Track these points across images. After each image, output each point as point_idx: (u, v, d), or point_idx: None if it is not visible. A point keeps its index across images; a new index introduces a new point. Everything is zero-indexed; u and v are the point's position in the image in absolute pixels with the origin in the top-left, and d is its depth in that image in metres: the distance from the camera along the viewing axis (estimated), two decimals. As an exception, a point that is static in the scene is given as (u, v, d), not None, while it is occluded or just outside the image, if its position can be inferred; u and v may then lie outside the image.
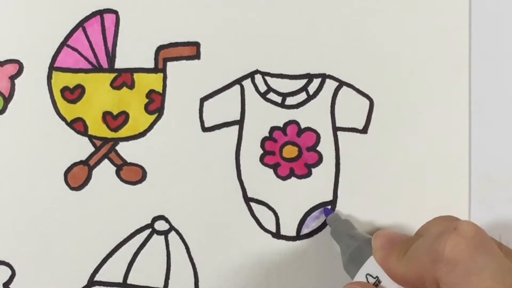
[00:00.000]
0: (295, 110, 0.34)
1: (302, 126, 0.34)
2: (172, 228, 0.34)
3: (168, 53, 0.34)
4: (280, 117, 0.34)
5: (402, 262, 0.26)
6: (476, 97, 0.34)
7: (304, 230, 0.34)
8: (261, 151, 0.34)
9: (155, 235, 0.34)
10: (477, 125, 0.34)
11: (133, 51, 0.34)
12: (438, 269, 0.23)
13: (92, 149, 0.34)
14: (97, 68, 0.34)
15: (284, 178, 0.34)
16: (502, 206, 0.34)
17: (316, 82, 0.34)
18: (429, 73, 0.34)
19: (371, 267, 0.28)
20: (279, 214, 0.34)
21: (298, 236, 0.34)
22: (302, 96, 0.34)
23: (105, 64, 0.34)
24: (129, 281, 0.34)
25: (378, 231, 0.28)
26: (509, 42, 0.34)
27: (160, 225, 0.34)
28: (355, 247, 0.30)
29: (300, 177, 0.34)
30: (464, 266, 0.23)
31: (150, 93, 0.34)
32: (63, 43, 0.34)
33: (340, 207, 0.34)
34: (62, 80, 0.34)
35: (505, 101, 0.34)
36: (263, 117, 0.34)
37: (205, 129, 0.34)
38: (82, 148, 0.34)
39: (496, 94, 0.34)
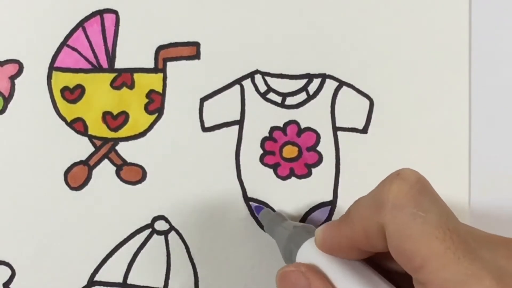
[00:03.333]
0: (295, 110, 0.34)
1: (302, 126, 0.34)
2: (172, 228, 0.34)
3: (168, 53, 0.34)
4: (280, 117, 0.34)
5: (346, 224, 0.25)
6: (476, 97, 0.34)
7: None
8: (261, 151, 0.34)
9: (155, 235, 0.34)
10: (477, 125, 0.34)
11: (133, 51, 0.34)
12: (383, 215, 0.23)
13: (92, 149, 0.34)
14: (97, 68, 0.34)
15: (284, 178, 0.34)
16: (503, 205, 0.34)
17: (316, 82, 0.34)
18: (429, 73, 0.34)
19: (305, 253, 0.27)
20: (279, 214, 0.34)
21: (298, 236, 0.34)
22: (302, 96, 0.34)
23: (105, 64, 0.34)
24: (129, 281, 0.34)
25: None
26: (509, 42, 0.34)
27: (160, 225, 0.34)
28: (288, 235, 0.29)
29: (300, 177, 0.34)
30: (409, 210, 0.22)
31: (150, 93, 0.34)
32: (63, 43, 0.34)
33: (340, 207, 0.34)
34: (62, 80, 0.34)
35: (505, 101, 0.34)
36: (263, 117, 0.34)
37: (205, 129, 0.34)
38: (82, 148, 0.34)
39: (496, 94, 0.34)
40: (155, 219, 0.34)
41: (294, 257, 0.28)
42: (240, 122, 0.34)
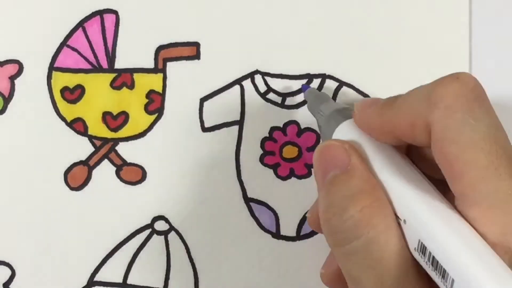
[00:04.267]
0: (295, 110, 0.34)
1: (302, 126, 0.34)
2: (172, 228, 0.34)
3: (168, 53, 0.34)
4: (280, 117, 0.34)
5: (389, 111, 0.24)
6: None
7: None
8: (261, 151, 0.34)
9: (155, 235, 0.34)
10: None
11: (133, 51, 0.34)
12: (433, 113, 0.22)
13: (92, 149, 0.34)
14: (97, 68, 0.34)
15: (284, 178, 0.34)
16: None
17: (316, 82, 0.34)
18: (429, 73, 0.33)
19: (344, 131, 0.27)
20: (279, 214, 0.34)
21: (298, 236, 0.34)
22: (302, 96, 0.34)
23: (105, 64, 0.34)
24: (129, 281, 0.34)
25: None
26: (510, 42, 0.34)
27: (160, 225, 0.34)
28: (330, 113, 0.29)
29: (300, 177, 0.34)
30: (461, 114, 0.21)
31: (150, 93, 0.34)
32: (63, 43, 0.34)
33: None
34: (62, 80, 0.34)
35: (505, 101, 0.34)
36: (263, 117, 0.34)
37: (205, 129, 0.34)
38: (82, 148, 0.34)
39: (496, 94, 0.34)
40: (155, 219, 0.34)
41: (331, 136, 0.27)
42: (240, 122, 0.34)
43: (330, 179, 0.25)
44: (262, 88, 0.34)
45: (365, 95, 0.33)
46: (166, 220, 0.34)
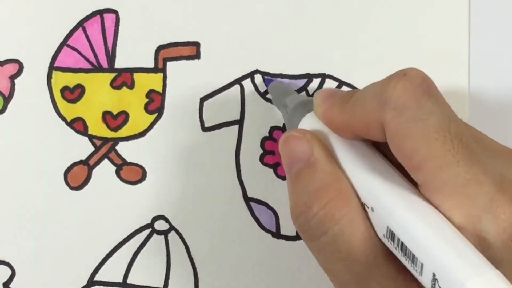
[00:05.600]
0: (295, 110, 0.34)
1: (302, 126, 0.34)
2: (172, 228, 0.34)
3: (168, 53, 0.34)
4: (280, 117, 0.34)
5: (346, 109, 0.25)
6: (475, 97, 0.34)
7: None
8: (261, 151, 0.34)
9: (155, 235, 0.34)
10: (476, 125, 0.34)
11: (133, 51, 0.34)
12: (384, 113, 0.23)
13: (92, 149, 0.34)
14: (97, 68, 0.34)
15: (284, 178, 0.34)
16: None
17: (316, 82, 0.34)
18: (429, 73, 0.33)
19: (308, 123, 0.27)
20: (279, 214, 0.34)
21: (298, 236, 0.34)
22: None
23: (105, 64, 0.34)
24: (129, 281, 0.34)
25: (318, 90, 0.28)
26: (509, 42, 0.34)
27: (160, 225, 0.34)
28: (294, 106, 0.29)
29: (300, 177, 0.34)
30: (411, 111, 0.22)
31: (150, 93, 0.34)
32: (63, 43, 0.34)
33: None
34: (62, 80, 0.34)
35: (504, 102, 0.34)
36: (263, 117, 0.34)
37: (205, 129, 0.34)
38: (82, 148, 0.34)
39: (495, 94, 0.34)
40: (155, 219, 0.34)
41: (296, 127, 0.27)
42: (240, 122, 0.34)
43: (295, 173, 0.25)
44: (262, 88, 0.34)
45: (365, 95, 0.33)
46: (166, 220, 0.34)
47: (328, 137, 0.26)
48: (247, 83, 0.34)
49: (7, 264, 0.34)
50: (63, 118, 0.34)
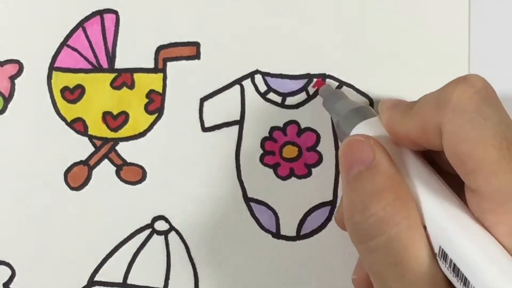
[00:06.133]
0: (295, 110, 0.34)
1: (302, 126, 0.34)
2: (172, 228, 0.34)
3: (168, 53, 0.34)
4: (280, 117, 0.34)
5: (407, 116, 0.25)
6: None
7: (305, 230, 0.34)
8: (261, 151, 0.34)
9: (155, 235, 0.34)
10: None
11: (133, 51, 0.34)
12: (443, 115, 0.23)
13: (92, 149, 0.34)
14: (97, 68, 0.34)
15: (284, 178, 0.34)
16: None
17: (316, 82, 0.34)
18: (429, 73, 0.34)
19: (362, 132, 0.27)
20: (279, 214, 0.34)
21: (298, 236, 0.34)
22: (302, 96, 0.34)
23: (105, 64, 0.34)
24: (129, 281, 0.34)
25: (384, 99, 0.28)
26: (509, 42, 0.34)
27: (160, 225, 0.34)
28: (347, 112, 0.29)
29: (300, 177, 0.34)
30: (469, 115, 0.22)
31: (150, 93, 0.34)
32: (63, 43, 0.34)
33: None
34: (62, 80, 0.34)
35: (504, 102, 0.34)
36: (263, 117, 0.34)
37: (205, 129, 0.34)
38: (82, 148, 0.34)
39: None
40: (155, 219, 0.34)
41: (349, 135, 0.27)
42: (240, 122, 0.34)
43: (354, 175, 0.25)
44: (262, 88, 0.34)
45: (365, 95, 0.33)
46: (166, 220, 0.34)
47: (386, 145, 0.26)
48: (247, 83, 0.34)
49: (7, 264, 0.34)
50: (63, 118, 0.34)
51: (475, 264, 0.21)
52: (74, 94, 0.34)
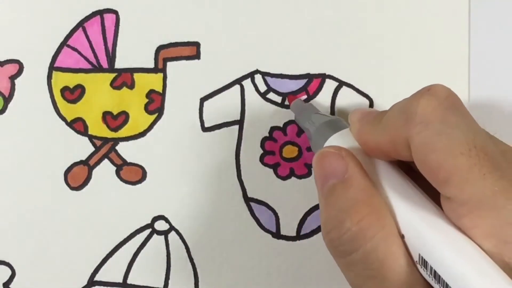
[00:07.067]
0: (295, 110, 0.34)
1: (302, 126, 0.34)
2: (172, 228, 0.34)
3: (168, 53, 0.34)
4: (280, 117, 0.34)
5: (377, 129, 0.25)
6: (475, 97, 0.34)
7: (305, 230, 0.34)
8: (261, 151, 0.34)
9: (155, 235, 0.34)
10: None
11: (133, 51, 0.34)
12: (409, 129, 0.23)
13: (92, 149, 0.34)
14: (97, 68, 0.34)
15: (284, 178, 0.34)
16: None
17: (316, 82, 0.34)
18: (428, 74, 0.34)
19: (335, 143, 0.27)
20: (279, 214, 0.34)
21: (298, 236, 0.34)
22: (302, 96, 0.34)
23: (105, 64, 0.34)
24: (129, 281, 0.34)
25: (354, 109, 0.28)
26: (509, 42, 0.34)
27: (160, 225, 0.34)
28: (320, 125, 0.29)
29: (300, 177, 0.34)
30: (435, 126, 0.22)
31: (150, 93, 0.34)
32: (63, 43, 0.34)
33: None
34: (62, 80, 0.34)
35: (503, 102, 0.34)
36: (263, 117, 0.34)
37: (205, 129, 0.34)
38: (82, 148, 0.34)
39: (494, 95, 0.34)
40: (155, 219, 0.34)
41: (322, 147, 0.27)
42: (240, 122, 0.34)
43: (328, 189, 0.25)
44: (262, 88, 0.34)
45: (365, 95, 0.33)
46: (166, 220, 0.34)
47: (358, 156, 0.26)
48: (247, 83, 0.34)
49: (7, 264, 0.34)
50: (63, 118, 0.34)
51: (455, 269, 0.21)
52: (74, 94, 0.34)
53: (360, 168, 0.25)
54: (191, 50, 0.34)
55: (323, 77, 0.34)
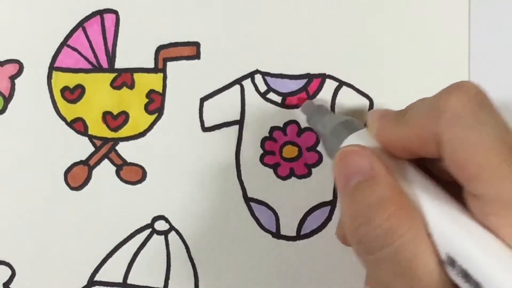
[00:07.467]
0: (295, 110, 0.34)
1: (302, 126, 0.34)
2: (172, 228, 0.34)
3: (168, 53, 0.34)
4: (280, 117, 0.34)
5: (400, 125, 0.25)
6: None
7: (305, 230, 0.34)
8: (261, 151, 0.34)
9: (155, 235, 0.34)
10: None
11: (133, 51, 0.34)
12: (440, 124, 0.23)
13: (92, 149, 0.34)
14: (97, 68, 0.34)
15: (284, 178, 0.34)
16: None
17: (316, 82, 0.34)
18: (429, 73, 0.34)
19: (355, 142, 0.27)
20: (279, 214, 0.34)
21: (298, 236, 0.34)
22: (302, 96, 0.34)
23: (105, 64, 0.34)
24: (129, 281, 0.34)
25: (371, 110, 0.27)
26: (509, 42, 0.34)
27: (160, 225, 0.34)
28: (335, 126, 0.29)
29: (300, 177, 0.34)
30: (466, 121, 0.22)
31: (150, 93, 0.34)
32: (63, 43, 0.34)
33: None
34: (62, 80, 0.34)
35: (503, 102, 0.34)
36: (263, 117, 0.34)
37: (205, 129, 0.34)
38: (82, 148, 0.34)
39: (494, 95, 0.34)
40: (155, 219, 0.34)
41: (338, 149, 0.27)
42: (240, 122, 0.34)
43: (354, 186, 0.25)
44: (262, 88, 0.34)
45: (365, 95, 0.33)
46: (166, 220, 0.34)
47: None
48: (247, 83, 0.34)
49: (7, 264, 0.34)
50: (63, 118, 0.34)
51: (486, 267, 0.21)
52: (74, 94, 0.34)
53: (385, 166, 0.25)
54: (191, 50, 0.34)
55: (323, 77, 0.34)
